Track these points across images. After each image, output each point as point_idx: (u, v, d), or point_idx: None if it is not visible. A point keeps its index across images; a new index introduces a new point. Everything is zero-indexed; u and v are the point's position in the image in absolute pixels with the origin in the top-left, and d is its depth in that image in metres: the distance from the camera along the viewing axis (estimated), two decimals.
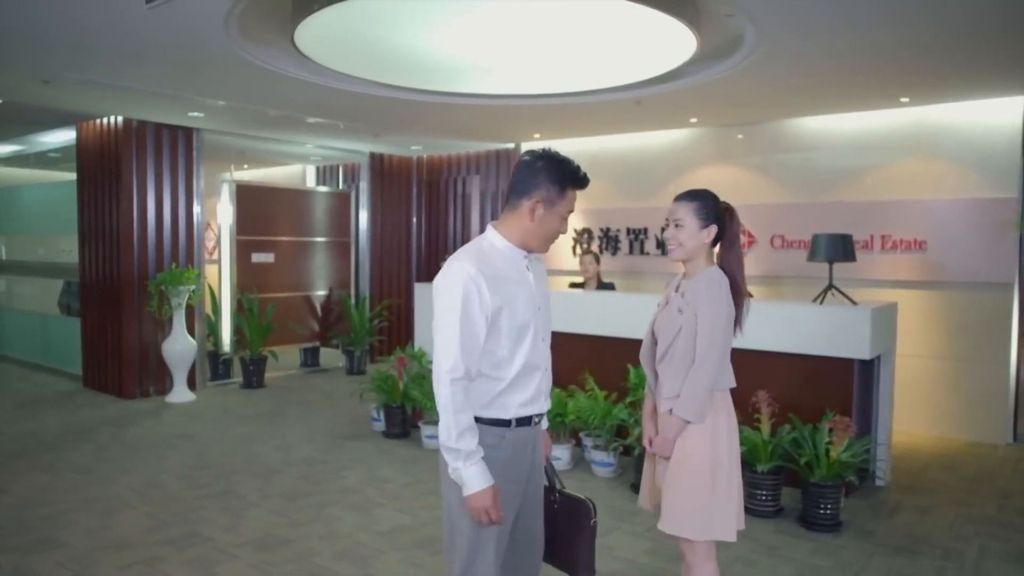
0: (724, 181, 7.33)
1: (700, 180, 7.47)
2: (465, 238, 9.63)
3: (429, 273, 9.75)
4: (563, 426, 5.23)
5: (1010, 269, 5.91)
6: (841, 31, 4.26)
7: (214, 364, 8.08)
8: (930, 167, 6.21)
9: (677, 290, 2.63)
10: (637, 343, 5.12)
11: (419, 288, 6.55)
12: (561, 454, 5.18)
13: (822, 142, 6.79)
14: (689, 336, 2.48)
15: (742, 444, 4.12)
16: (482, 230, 2.24)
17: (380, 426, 6.13)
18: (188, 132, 7.56)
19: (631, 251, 7.90)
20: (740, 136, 7.26)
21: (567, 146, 8.32)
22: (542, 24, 4.49)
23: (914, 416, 6.18)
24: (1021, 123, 5.87)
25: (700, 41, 4.34)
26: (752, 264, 6.68)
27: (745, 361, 4.55)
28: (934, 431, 6.22)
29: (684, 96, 5.93)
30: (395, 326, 9.70)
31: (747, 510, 3.20)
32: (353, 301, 9.15)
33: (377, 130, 7.85)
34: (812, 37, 4.38)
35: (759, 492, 4.28)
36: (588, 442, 5.31)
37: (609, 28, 4.54)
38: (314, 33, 4.50)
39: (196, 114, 6.87)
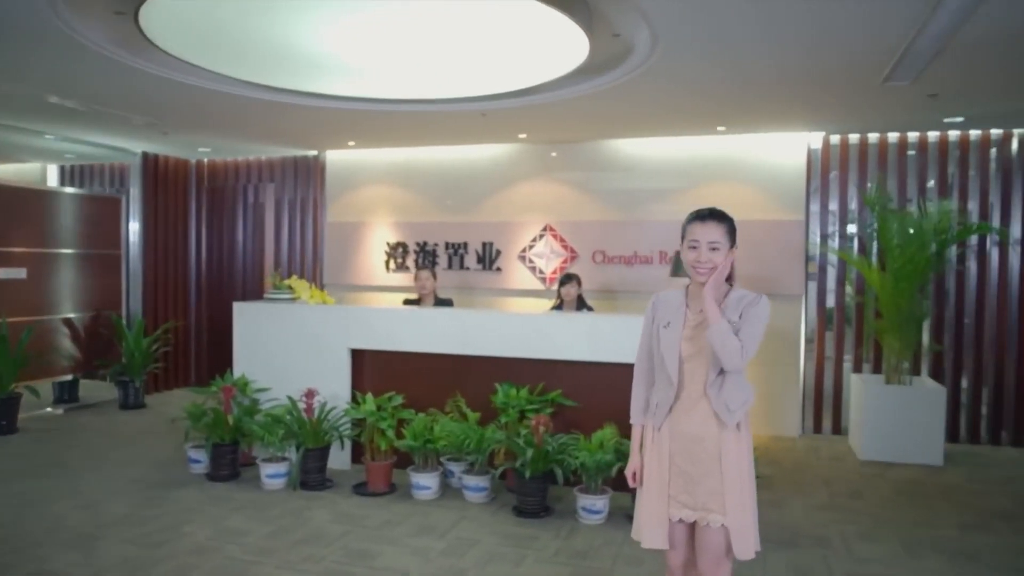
0: (547, 197, 7.49)
1: (523, 195, 7.55)
2: (257, 250, 8.77)
3: (223, 290, 8.72)
4: (433, 452, 4.91)
5: (800, 283, 6.74)
6: (720, 59, 4.50)
7: None
8: (733, 191, 6.86)
9: (700, 311, 2.51)
10: (502, 360, 5.07)
11: (239, 308, 5.78)
12: (429, 483, 4.86)
13: (637, 163, 7.20)
14: None
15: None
16: (278, 241, 2.00)
17: (201, 468, 5.29)
18: None
19: (450, 266, 7.73)
20: (554, 154, 7.46)
21: (379, 156, 7.98)
22: (412, 26, 4.21)
23: None
24: (805, 157, 6.74)
25: (591, 52, 4.35)
26: (585, 280, 6.81)
27: (632, 373, 4.66)
28: None
29: (530, 112, 5.93)
30: (176, 352, 8.52)
31: None
32: (126, 323, 7.86)
33: (169, 126, 6.84)
34: (693, 64, 4.58)
35: None
36: (455, 468, 5.05)
37: (492, 34, 4.40)
38: (151, 13, 3.79)
39: None
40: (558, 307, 6.22)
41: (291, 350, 5.56)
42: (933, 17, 3.59)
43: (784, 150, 6.78)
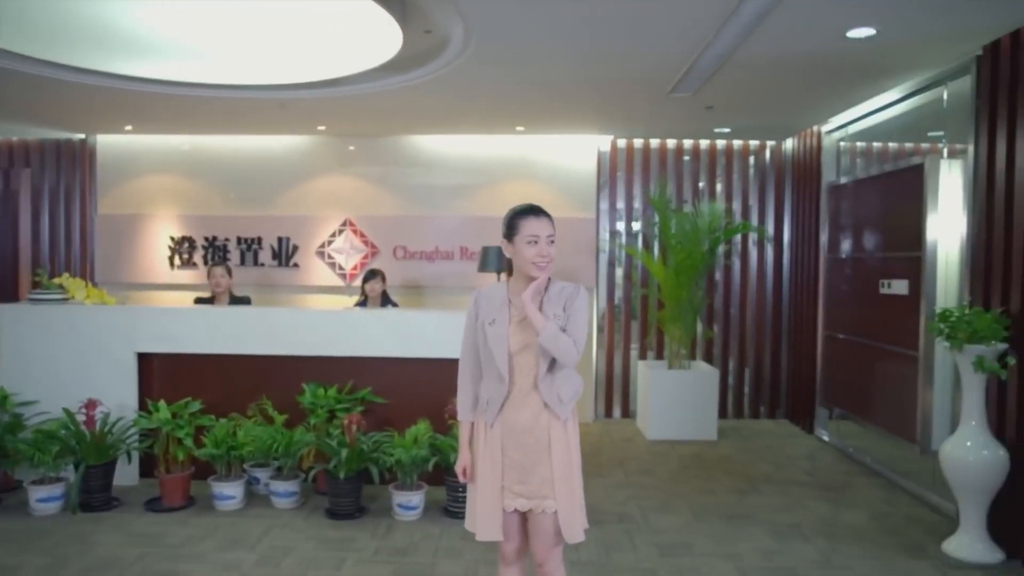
0: (346, 192, 7.32)
1: (321, 189, 7.33)
2: (9, 245, 7.66)
3: None
4: (237, 459, 4.64)
5: (592, 277, 7.18)
6: (526, 63, 4.67)
7: None
8: (531, 189, 7.14)
9: (526, 305, 2.56)
10: (308, 360, 4.91)
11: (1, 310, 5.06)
12: (233, 492, 4.57)
13: (437, 160, 7.27)
14: None
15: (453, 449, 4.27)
16: (36, 235, 1.95)
17: None
18: None
19: (243, 262, 7.30)
20: (352, 147, 7.32)
21: (160, 142, 7.39)
22: (210, 5, 3.96)
23: None
24: (596, 158, 7.20)
25: (403, 47, 4.33)
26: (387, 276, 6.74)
27: (441, 368, 4.70)
28: None
29: (333, 104, 5.77)
30: None
31: None
32: None
33: None
34: (500, 65, 4.72)
35: None
36: (261, 474, 4.81)
37: (298, 20, 4.23)
38: None
39: None
40: (362, 303, 6.12)
41: (65, 357, 4.96)
42: (717, 38, 4.00)
43: (577, 151, 7.19)
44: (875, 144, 5.91)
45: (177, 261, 7.35)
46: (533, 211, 2.62)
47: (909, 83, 5.04)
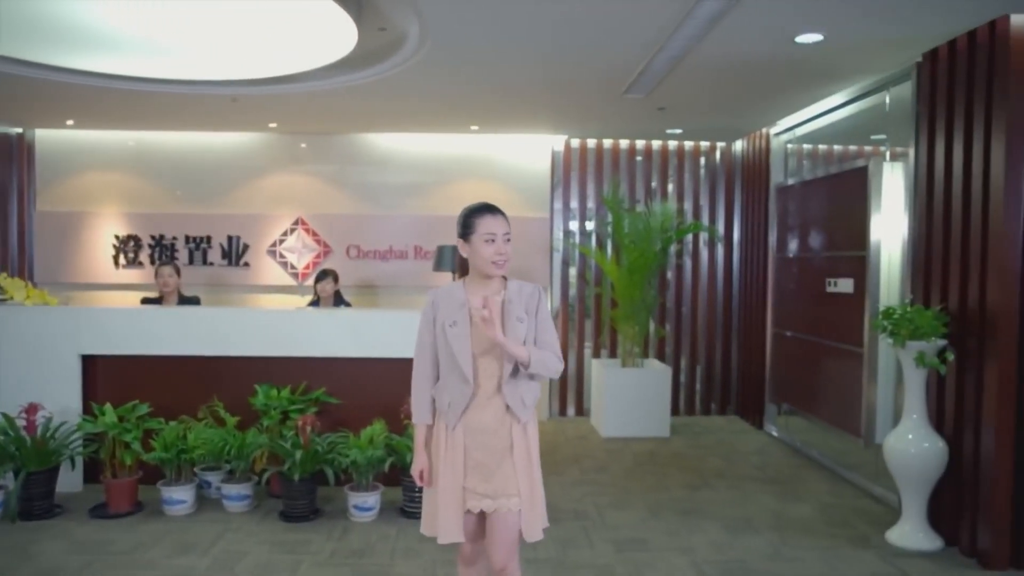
0: (298, 190, 7.23)
1: (272, 187, 7.22)
2: None
3: None
4: (187, 463, 4.54)
5: (546, 276, 7.22)
6: (481, 62, 4.68)
7: None
8: (485, 188, 7.15)
9: (487, 304, 2.56)
10: (260, 360, 4.84)
11: None
12: (184, 496, 4.47)
13: (391, 158, 7.22)
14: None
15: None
16: None
17: None
18: None
19: (191, 261, 7.14)
20: (304, 145, 7.23)
21: (104, 138, 7.20)
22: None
23: None
24: (550, 159, 7.24)
25: (358, 44, 4.29)
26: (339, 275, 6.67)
27: (395, 368, 4.68)
28: None
29: (286, 100, 5.68)
30: None
31: None
32: None
33: None
34: (456, 64, 4.71)
35: None
36: (212, 477, 4.71)
37: (250, 14, 4.16)
38: None
39: None
40: (315, 303, 6.05)
41: (4, 360, 4.79)
42: (670, 40, 4.06)
43: (531, 151, 7.22)
44: (821, 146, 6.08)
45: (122, 260, 7.16)
46: (489, 209, 2.62)
47: (854, 88, 5.20)
